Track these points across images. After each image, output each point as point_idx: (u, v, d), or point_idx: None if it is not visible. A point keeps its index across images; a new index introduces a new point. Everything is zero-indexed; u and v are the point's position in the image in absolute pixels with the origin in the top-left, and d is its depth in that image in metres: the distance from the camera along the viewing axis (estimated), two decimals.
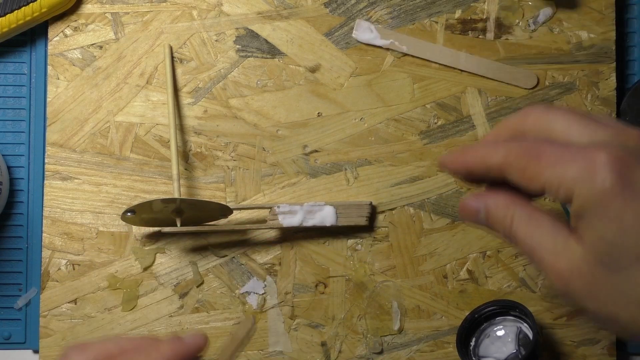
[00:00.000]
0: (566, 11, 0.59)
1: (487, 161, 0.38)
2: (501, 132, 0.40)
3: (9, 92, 0.58)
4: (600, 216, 0.34)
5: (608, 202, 0.34)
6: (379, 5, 0.58)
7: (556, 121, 0.37)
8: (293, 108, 0.58)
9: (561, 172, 0.35)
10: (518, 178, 0.37)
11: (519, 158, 0.37)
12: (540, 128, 0.38)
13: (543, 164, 0.36)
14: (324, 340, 0.58)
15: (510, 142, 0.38)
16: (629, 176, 0.34)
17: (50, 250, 0.57)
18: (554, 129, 0.37)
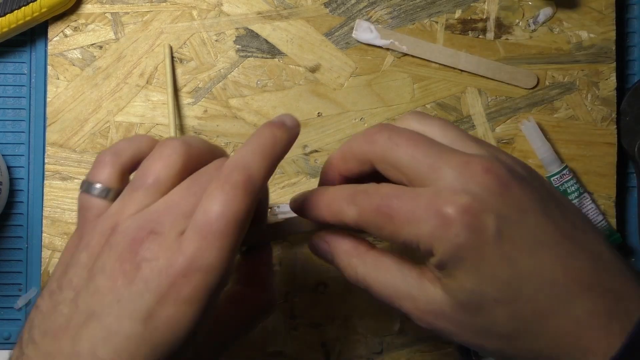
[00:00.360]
0: (566, 11, 0.59)
1: (343, 219, 0.38)
2: (347, 157, 0.39)
3: (9, 92, 0.58)
4: (459, 268, 0.35)
5: (464, 255, 0.34)
6: (379, 5, 0.58)
7: (400, 153, 0.36)
8: (293, 108, 0.58)
9: (415, 231, 0.35)
10: (379, 235, 0.37)
11: (373, 217, 0.36)
12: (386, 159, 0.37)
13: (397, 224, 0.35)
14: (324, 340, 0.58)
15: (359, 195, 0.37)
16: (479, 226, 0.34)
17: (50, 250, 0.57)
18: (400, 162, 0.36)
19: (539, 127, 0.58)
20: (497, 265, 0.34)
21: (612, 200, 0.59)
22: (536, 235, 0.34)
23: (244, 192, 0.34)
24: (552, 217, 0.35)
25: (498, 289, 0.35)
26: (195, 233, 0.33)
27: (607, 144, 0.59)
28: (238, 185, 0.34)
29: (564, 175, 0.57)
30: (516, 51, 0.58)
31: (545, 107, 0.59)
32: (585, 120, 0.59)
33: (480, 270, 0.34)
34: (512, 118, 0.59)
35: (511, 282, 0.34)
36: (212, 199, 0.33)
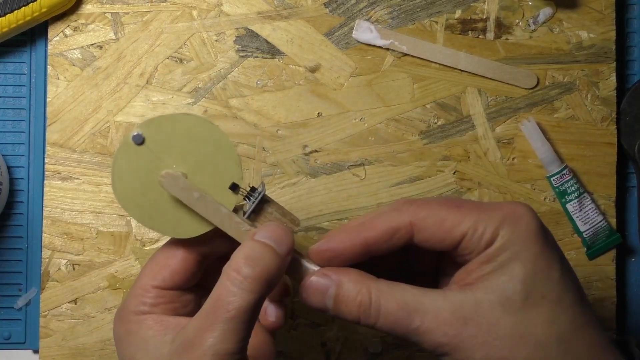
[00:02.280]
0: (566, 11, 0.59)
1: (392, 224, 0.38)
2: (377, 224, 0.39)
3: (9, 92, 0.58)
4: (518, 257, 0.37)
5: (529, 245, 0.37)
6: (379, 5, 0.58)
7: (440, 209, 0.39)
8: (293, 108, 0.58)
9: (487, 216, 0.37)
10: (432, 232, 0.38)
11: (435, 210, 0.38)
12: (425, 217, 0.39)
13: (465, 211, 0.38)
14: (324, 340, 0.58)
15: (418, 200, 0.39)
16: (544, 226, 0.38)
17: (50, 250, 0.57)
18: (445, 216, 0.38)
19: (539, 127, 0.58)
20: (551, 267, 0.37)
21: (612, 200, 0.59)
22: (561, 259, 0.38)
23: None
24: (568, 275, 0.38)
25: (550, 285, 0.37)
26: None
27: (607, 144, 0.59)
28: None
29: (564, 175, 0.57)
30: (516, 51, 0.58)
31: (545, 107, 0.59)
32: (585, 120, 0.59)
33: (537, 263, 0.36)
34: (512, 118, 0.59)
35: (560, 282, 0.37)
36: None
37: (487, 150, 0.58)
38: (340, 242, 0.39)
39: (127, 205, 0.40)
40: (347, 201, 0.58)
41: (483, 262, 0.37)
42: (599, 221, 0.58)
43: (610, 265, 0.59)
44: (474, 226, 0.37)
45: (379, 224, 0.39)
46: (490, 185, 0.58)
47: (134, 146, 0.39)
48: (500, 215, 0.37)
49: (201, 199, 0.39)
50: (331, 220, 0.58)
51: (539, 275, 0.37)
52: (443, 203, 0.39)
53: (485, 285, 0.37)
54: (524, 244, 0.37)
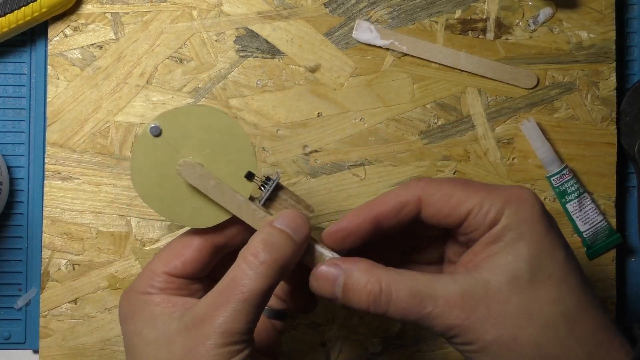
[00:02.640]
0: (566, 11, 0.59)
1: (401, 198, 0.40)
2: (388, 199, 0.41)
3: (9, 92, 0.58)
4: (523, 237, 0.37)
5: (534, 226, 0.38)
6: (379, 5, 0.58)
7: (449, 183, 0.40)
8: (293, 108, 0.58)
9: (493, 196, 0.38)
10: (439, 207, 0.39)
11: (443, 186, 0.39)
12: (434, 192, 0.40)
13: (472, 190, 0.39)
14: (324, 340, 0.58)
15: (427, 178, 0.40)
16: (547, 211, 0.39)
17: (50, 250, 0.57)
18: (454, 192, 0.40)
19: (539, 127, 0.58)
20: (555, 248, 0.38)
21: (612, 200, 0.59)
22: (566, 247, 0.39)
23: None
24: (572, 258, 0.39)
25: (555, 265, 0.37)
26: None
27: (607, 144, 0.59)
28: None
29: (564, 175, 0.57)
30: (516, 51, 0.58)
31: (545, 107, 0.59)
32: (585, 120, 0.59)
33: (542, 244, 0.37)
34: (512, 118, 0.59)
35: (565, 264, 0.38)
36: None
37: (487, 150, 0.58)
38: (351, 220, 0.40)
39: (147, 197, 0.41)
40: (347, 201, 0.58)
41: (489, 242, 0.38)
42: (599, 221, 0.58)
43: (610, 265, 0.59)
44: (479, 204, 0.38)
45: (388, 199, 0.40)
46: None
47: (151, 138, 0.40)
48: (505, 196, 0.38)
49: (218, 187, 0.40)
50: (331, 220, 0.58)
51: (544, 255, 0.37)
52: (451, 181, 0.40)
53: (492, 265, 0.37)
54: (529, 224, 0.38)
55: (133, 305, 0.41)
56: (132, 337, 0.40)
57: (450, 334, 0.38)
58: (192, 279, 0.42)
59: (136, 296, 0.41)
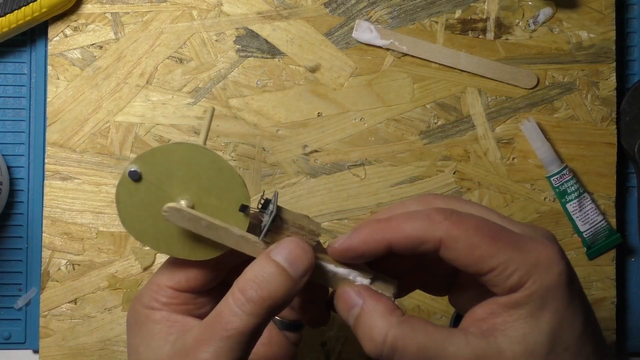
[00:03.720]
0: (566, 11, 0.59)
1: (420, 233, 0.36)
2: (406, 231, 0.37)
3: (9, 92, 0.58)
4: (546, 307, 0.35)
5: (559, 295, 0.35)
6: (379, 5, 0.58)
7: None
8: (293, 108, 0.58)
9: (520, 257, 0.35)
10: (462, 255, 0.36)
11: (470, 234, 0.36)
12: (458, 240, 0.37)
13: (500, 246, 0.35)
14: (324, 340, 0.58)
15: (453, 215, 0.36)
16: (573, 272, 0.36)
17: (50, 250, 0.57)
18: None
19: (539, 127, 0.58)
20: (575, 318, 0.36)
21: (612, 200, 0.59)
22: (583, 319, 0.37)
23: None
24: (589, 324, 0.37)
25: (572, 338, 0.35)
26: None
27: (607, 144, 0.59)
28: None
29: (564, 175, 0.57)
30: (516, 51, 0.58)
31: (545, 107, 0.59)
32: (585, 120, 0.59)
33: (565, 314, 0.35)
34: (512, 118, 0.58)
35: (582, 336, 0.36)
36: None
37: (487, 150, 0.58)
38: (363, 242, 0.38)
39: (142, 238, 0.39)
40: (347, 201, 0.58)
41: (509, 306, 0.36)
42: (599, 221, 0.58)
43: (610, 265, 0.59)
44: (505, 264, 0.35)
45: (406, 229, 0.37)
46: (490, 185, 0.58)
47: (132, 183, 0.38)
48: (533, 259, 0.35)
49: (211, 227, 0.38)
50: (331, 220, 0.58)
51: (564, 327, 0.35)
52: (479, 227, 0.36)
53: (510, 334, 0.35)
54: (554, 294, 0.35)
55: (135, 318, 0.40)
56: (130, 349, 0.40)
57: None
58: (199, 293, 0.41)
59: (140, 309, 0.40)
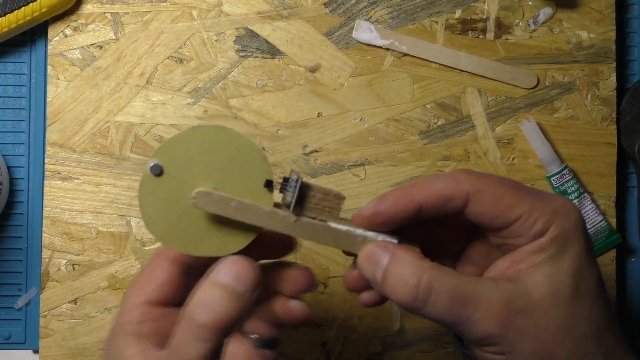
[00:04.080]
0: (566, 11, 0.59)
1: (449, 191, 0.37)
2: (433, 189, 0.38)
3: (9, 92, 0.58)
4: (567, 251, 0.37)
5: (576, 241, 0.37)
6: (379, 5, 0.58)
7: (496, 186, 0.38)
8: (293, 108, 0.58)
9: (542, 204, 0.37)
10: (490, 207, 0.37)
11: (495, 186, 0.37)
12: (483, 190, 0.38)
13: (523, 195, 0.37)
14: (324, 340, 0.58)
15: (476, 173, 0.38)
16: (585, 223, 0.38)
17: (50, 250, 0.57)
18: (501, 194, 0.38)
19: (539, 127, 0.58)
20: (592, 264, 0.37)
21: (612, 200, 0.59)
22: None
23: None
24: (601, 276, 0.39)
25: (592, 282, 0.37)
26: None
27: (607, 144, 0.59)
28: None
29: (564, 175, 0.57)
30: (516, 51, 0.58)
31: (545, 107, 0.59)
32: (585, 120, 0.59)
33: (581, 258, 0.37)
34: (512, 118, 0.58)
35: (600, 281, 0.38)
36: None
37: (487, 150, 0.58)
38: (392, 205, 0.38)
39: (168, 240, 0.38)
40: (347, 201, 0.57)
41: (534, 251, 0.37)
42: (599, 221, 0.58)
43: (610, 265, 0.59)
44: (529, 211, 0.37)
45: (435, 189, 0.38)
46: None
47: (154, 179, 0.37)
48: (554, 206, 0.37)
49: (240, 206, 0.37)
50: None
51: (584, 271, 0.37)
52: (501, 181, 0.38)
53: (536, 276, 0.37)
54: (573, 239, 0.37)
55: (112, 349, 0.40)
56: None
57: (486, 342, 0.37)
58: (171, 307, 0.41)
59: (115, 341, 0.40)
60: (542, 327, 0.36)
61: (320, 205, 0.39)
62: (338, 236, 0.39)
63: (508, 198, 0.37)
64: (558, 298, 0.36)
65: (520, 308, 0.36)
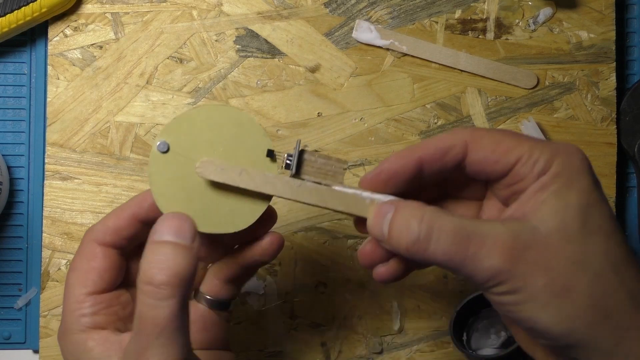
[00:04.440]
0: (566, 11, 0.59)
1: (447, 141, 0.38)
2: (431, 145, 0.39)
3: (9, 92, 0.58)
4: (573, 186, 0.36)
5: (582, 178, 0.36)
6: (379, 5, 0.58)
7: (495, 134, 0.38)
8: (293, 108, 0.58)
9: (542, 145, 0.37)
10: (487, 153, 0.37)
11: (492, 133, 0.38)
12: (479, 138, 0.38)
13: (521, 139, 0.37)
14: (324, 340, 0.58)
15: (474, 127, 0.39)
16: (589, 166, 0.38)
17: (50, 250, 0.57)
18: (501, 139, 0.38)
19: (539, 127, 0.58)
20: (603, 201, 0.37)
21: (612, 200, 0.59)
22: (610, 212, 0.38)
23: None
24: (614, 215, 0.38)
25: (603, 218, 0.36)
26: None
27: (607, 144, 0.59)
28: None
29: None
30: (516, 51, 0.58)
31: (545, 107, 0.59)
32: (585, 120, 0.59)
33: (591, 194, 0.36)
34: (512, 118, 0.59)
35: (612, 218, 0.36)
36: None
37: None
38: (393, 162, 0.38)
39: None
40: None
41: (538, 190, 0.36)
42: None
43: None
44: (529, 151, 0.36)
45: (432, 143, 0.38)
46: None
47: (161, 156, 0.39)
48: (554, 147, 0.37)
49: (245, 173, 0.39)
50: (331, 220, 0.58)
51: (592, 206, 0.36)
52: (498, 129, 0.38)
53: (542, 213, 0.36)
54: (577, 175, 0.36)
55: (70, 349, 0.40)
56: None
57: (495, 281, 0.35)
58: (116, 289, 0.41)
59: (71, 337, 0.40)
60: (552, 260, 0.35)
61: (324, 170, 0.40)
62: (345, 199, 0.39)
63: (506, 142, 0.37)
64: (567, 232, 0.35)
65: (528, 243, 0.35)
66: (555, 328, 0.35)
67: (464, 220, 0.36)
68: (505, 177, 0.37)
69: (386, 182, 0.39)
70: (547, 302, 0.35)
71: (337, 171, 0.40)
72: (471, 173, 0.39)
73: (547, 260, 0.35)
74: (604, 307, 0.35)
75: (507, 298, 0.36)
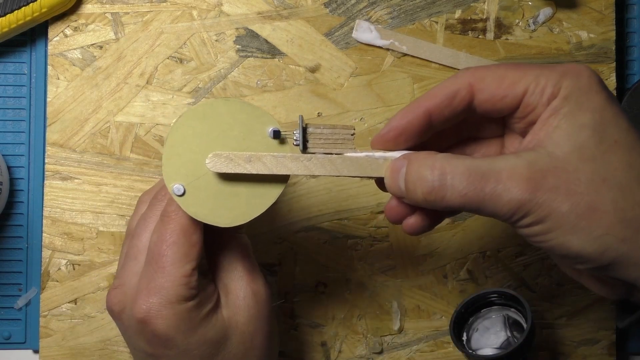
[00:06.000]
0: (566, 11, 0.59)
1: (451, 87, 0.37)
2: (437, 93, 0.39)
3: (9, 92, 0.58)
4: (583, 106, 0.35)
5: (593, 96, 0.35)
6: (379, 5, 0.58)
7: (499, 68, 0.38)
8: (293, 108, 0.58)
9: (548, 71, 0.36)
10: (493, 90, 0.37)
11: (494, 69, 0.37)
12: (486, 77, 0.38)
13: (525, 69, 0.36)
14: (324, 340, 0.58)
15: (474, 67, 0.38)
16: (603, 84, 0.36)
17: (50, 250, 0.57)
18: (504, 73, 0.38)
19: None
20: (618, 115, 0.36)
21: None
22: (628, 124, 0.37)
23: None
24: (634, 126, 0.37)
25: (620, 132, 0.35)
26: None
27: None
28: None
29: None
30: (516, 51, 0.58)
31: None
32: None
33: (605, 112, 0.35)
34: None
35: (630, 131, 0.35)
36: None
37: None
38: (401, 117, 0.38)
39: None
40: (347, 201, 0.58)
41: (549, 116, 0.36)
42: None
43: None
44: (535, 80, 0.36)
45: (437, 91, 0.38)
46: None
47: (180, 198, 0.41)
48: (561, 70, 0.36)
49: (254, 158, 0.40)
50: (331, 220, 0.58)
51: (607, 123, 0.35)
52: (500, 64, 0.38)
53: (556, 137, 0.35)
54: (588, 94, 0.35)
55: (183, 319, 0.42)
56: (202, 347, 0.42)
57: (519, 214, 0.35)
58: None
59: (180, 308, 0.42)
60: (573, 182, 0.34)
61: (331, 140, 0.40)
62: (359, 164, 0.39)
63: (510, 75, 0.36)
64: (583, 152, 0.35)
65: (545, 169, 0.34)
66: (587, 250, 0.34)
67: (476, 160, 0.36)
68: (517, 110, 0.37)
69: (396, 139, 0.39)
70: (574, 225, 0.34)
71: (345, 138, 0.40)
72: (482, 112, 0.38)
73: (567, 184, 0.34)
74: (633, 220, 0.34)
75: (535, 229, 0.35)
